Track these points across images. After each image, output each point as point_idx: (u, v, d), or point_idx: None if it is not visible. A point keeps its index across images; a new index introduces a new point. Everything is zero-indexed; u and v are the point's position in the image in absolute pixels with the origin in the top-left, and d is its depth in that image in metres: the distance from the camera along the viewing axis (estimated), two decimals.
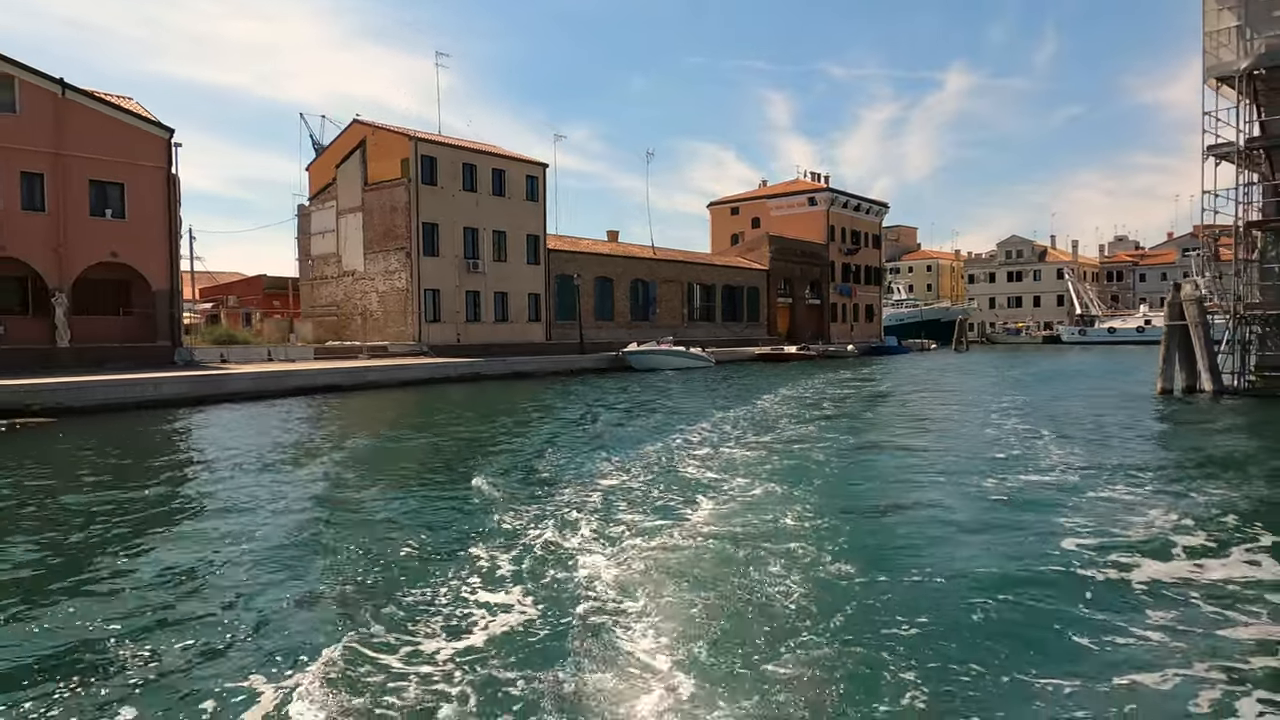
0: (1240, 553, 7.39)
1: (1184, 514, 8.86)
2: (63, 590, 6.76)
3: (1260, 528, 8.22)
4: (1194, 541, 7.80)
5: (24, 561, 7.68)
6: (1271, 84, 21.69)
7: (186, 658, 5.35)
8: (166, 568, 7.39)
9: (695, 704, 4.59)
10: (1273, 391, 21.52)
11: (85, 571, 7.31)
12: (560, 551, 7.69)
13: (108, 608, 6.29)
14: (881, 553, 7.61)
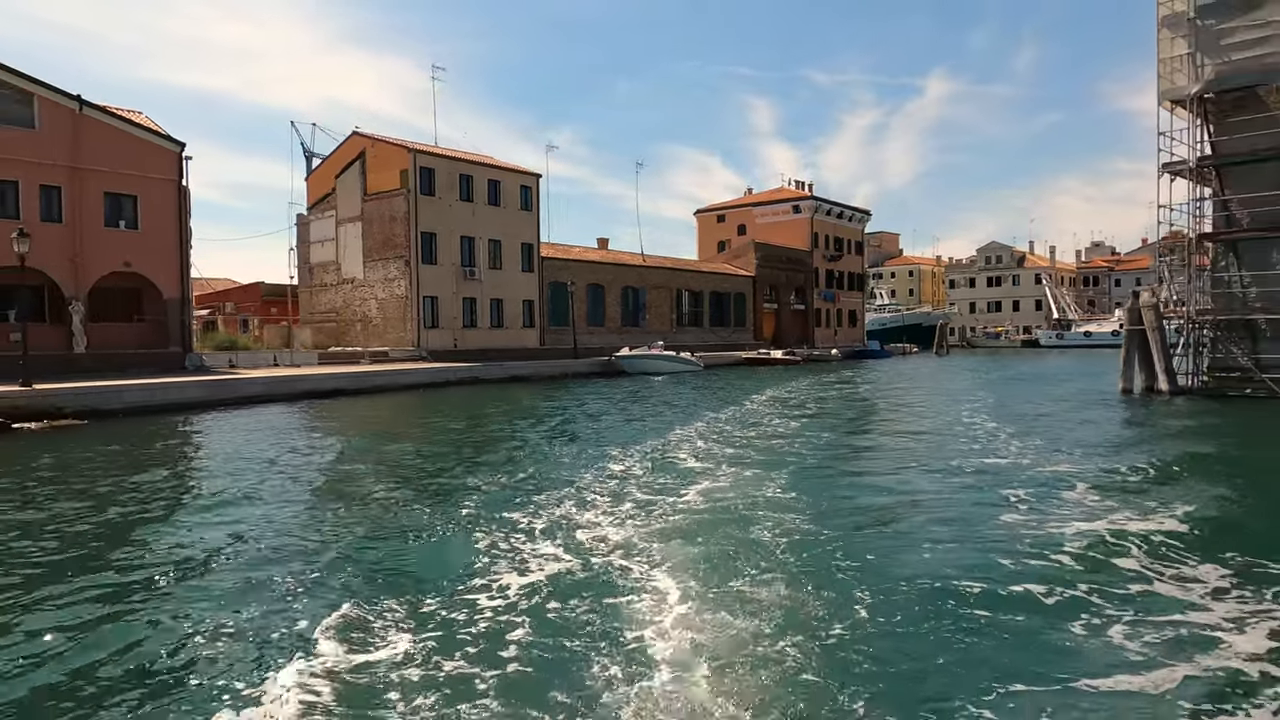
0: (1182, 542, 8.86)
1: (1128, 505, 10.38)
2: (102, 570, 8.10)
3: (1193, 514, 9.72)
4: (1138, 528, 9.30)
5: (70, 544, 9.00)
6: (1220, 107, 23.45)
7: (196, 640, 5.82)
8: (193, 553, 8.73)
9: (678, 700, 4.72)
10: (1223, 391, 23.24)
11: (118, 554, 8.64)
12: (569, 533, 9.09)
13: (144, 585, 7.64)
14: (851, 537, 9.07)
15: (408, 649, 5.55)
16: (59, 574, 7.43)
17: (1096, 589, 6.62)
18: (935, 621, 5.96)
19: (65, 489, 11.63)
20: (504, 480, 12.01)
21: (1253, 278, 22.88)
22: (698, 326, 56.97)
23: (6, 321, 28.24)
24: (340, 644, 5.61)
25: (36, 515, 9.93)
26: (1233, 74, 22.65)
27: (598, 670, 5.25)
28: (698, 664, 5.23)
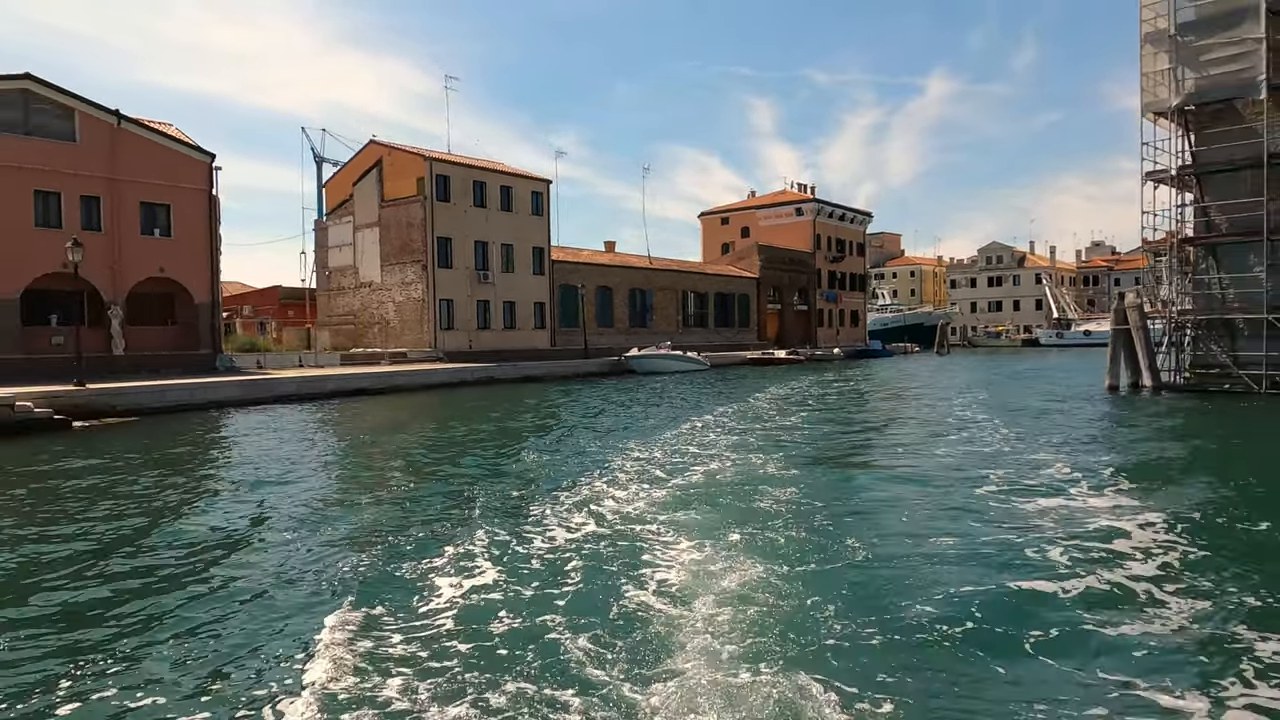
0: (1154, 528, 10.20)
1: (1099, 493, 11.76)
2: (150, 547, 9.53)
3: (1169, 497, 11.10)
4: (1103, 505, 10.68)
5: (133, 526, 10.43)
6: (1200, 118, 24.81)
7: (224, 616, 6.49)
8: (237, 536, 10.15)
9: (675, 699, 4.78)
10: (1204, 386, 24.60)
11: (170, 533, 10.08)
12: (602, 503, 10.49)
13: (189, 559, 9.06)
14: (839, 513, 10.48)
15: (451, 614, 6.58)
16: (137, 546, 8.87)
17: (1064, 571, 7.98)
18: (902, 584, 7.36)
19: (137, 476, 13.07)
20: (544, 463, 13.42)
21: (1231, 280, 24.24)
22: (703, 327, 58.37)
23: (49, 325, 29.73)
24: (384, 605, 6.91)
25: (117, 497, 11.37)
26: (1211, 88, 24.01)
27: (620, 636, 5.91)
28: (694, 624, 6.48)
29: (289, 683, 5.20)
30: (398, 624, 6.12)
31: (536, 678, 5.17)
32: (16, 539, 8.92)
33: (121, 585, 7.24)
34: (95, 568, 7.79)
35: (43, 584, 7.31)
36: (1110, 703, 4.75)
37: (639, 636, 5.78)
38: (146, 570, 7.71)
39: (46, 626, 6.24)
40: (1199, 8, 24.33)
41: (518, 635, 5.86)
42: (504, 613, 6.33)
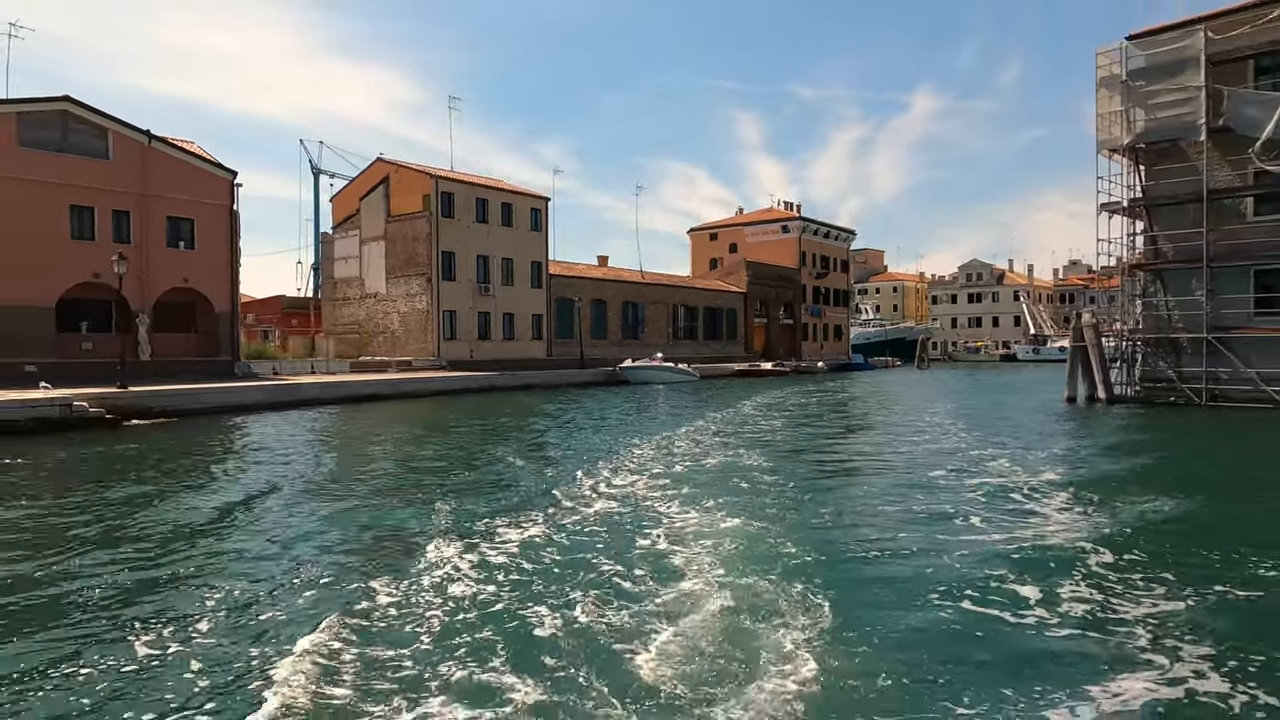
0: (1107, 526, 12.29)
1: (1040, 479, 13.97)
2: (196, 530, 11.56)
3: (1110, 495, 13.31)
4: (1063, 508, 12.88)
5: (185, 509, 12.44)
6: (1149, 155, 27.31)
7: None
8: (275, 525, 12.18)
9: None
10: (1151, 399, 27.01)
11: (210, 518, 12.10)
12: (609, 489, 12.57)
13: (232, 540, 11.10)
14: (808, 496, 12.63)
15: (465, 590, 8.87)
16: (202, 525, 10.90)
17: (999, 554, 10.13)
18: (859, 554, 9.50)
19: (189, 465, 15.05)
20: (555, 459, 15.49)
21: (1176, 302, 26.69)
22: (693, 340, 60.59)
23: (79, 332, 31.49)
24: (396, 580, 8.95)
25: (171, 482, 13.36)
26: (1158, 129, 26.52)
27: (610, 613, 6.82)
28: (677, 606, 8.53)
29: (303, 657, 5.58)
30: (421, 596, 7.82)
31: (556, 659, 5.58)
32: (137, 504, 10.92)
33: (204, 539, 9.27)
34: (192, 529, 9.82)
35: (158, 536, 9.33)
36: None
37: (642, 587, 7.86)
38: (234, 532, 9.75)
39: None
40: (1148, 56, 26.87)
41: (532, 616, 7.69)
42: (518, 593, 8.29)
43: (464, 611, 6.53)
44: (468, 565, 7.90)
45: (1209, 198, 25.47)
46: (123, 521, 10.12)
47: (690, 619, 6.25)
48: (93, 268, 30.48)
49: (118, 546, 8.85)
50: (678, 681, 5.14)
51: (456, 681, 5.21)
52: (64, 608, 6.77)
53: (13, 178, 28.44)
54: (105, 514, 10.54)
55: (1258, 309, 25.16)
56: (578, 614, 6.44)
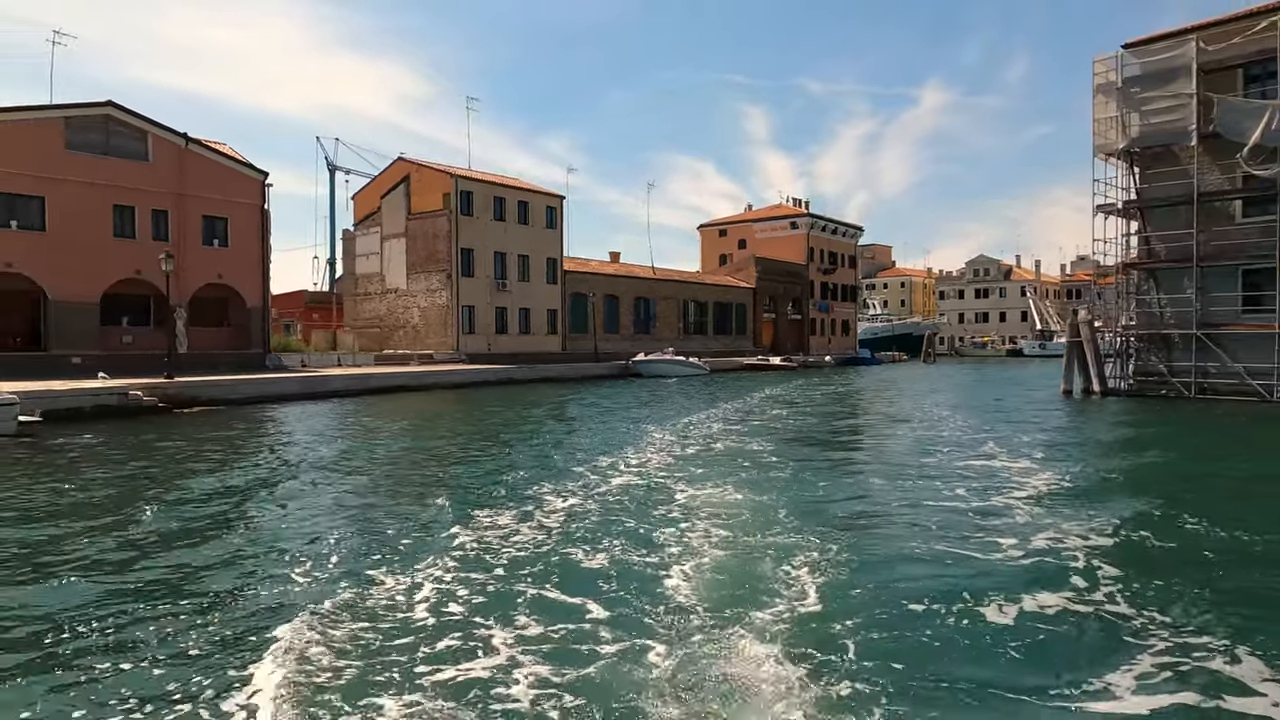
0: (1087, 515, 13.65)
1: (1055, 478, 15.31)
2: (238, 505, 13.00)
3: (1093, 479, 14.64)
4: (1052, 494, 14.22)
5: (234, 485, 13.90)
6: (1143, 159, 28.50)
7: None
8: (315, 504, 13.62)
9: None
10: (1144, 392, 28.27)
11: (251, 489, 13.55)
12: (628, 466, 13.97)
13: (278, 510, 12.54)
14: (804, 479, 14.02)
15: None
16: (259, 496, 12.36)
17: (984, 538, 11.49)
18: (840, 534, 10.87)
19: (243, 447, 16.53)
20: (584, 443, 16.91)
21: (1168, 300, 27.91)
22: (702, 334, 61.95)
23: (120, 326, 33.07)
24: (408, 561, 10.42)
25: (231, 461, 14.84)
26: (1152, 134, 27.71)
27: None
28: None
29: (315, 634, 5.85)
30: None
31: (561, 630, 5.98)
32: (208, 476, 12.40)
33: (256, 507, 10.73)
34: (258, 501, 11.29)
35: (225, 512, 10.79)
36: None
37: (647, 570, 9.26)
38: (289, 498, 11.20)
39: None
40: (1143, 64, 28.04)
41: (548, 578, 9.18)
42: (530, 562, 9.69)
43: (528, 562, 7.95)
44: (516, 527, 9.33)
45: (1199, 200, 26.66)
46: (196, 487, 11.61)
47: (697, 581, 7.63)
48: (134, 264, 32.06)
49: (192, 507, 10.33)
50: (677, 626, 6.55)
51: (514, 619, 6.62)
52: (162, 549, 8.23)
53: (61, 179, 30.00)
54: (182, 481, 12.03)
55: (1245, 306, 26.36)
56: (604, 563, 7.86)
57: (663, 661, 5.38)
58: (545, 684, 5.07)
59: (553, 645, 5.73)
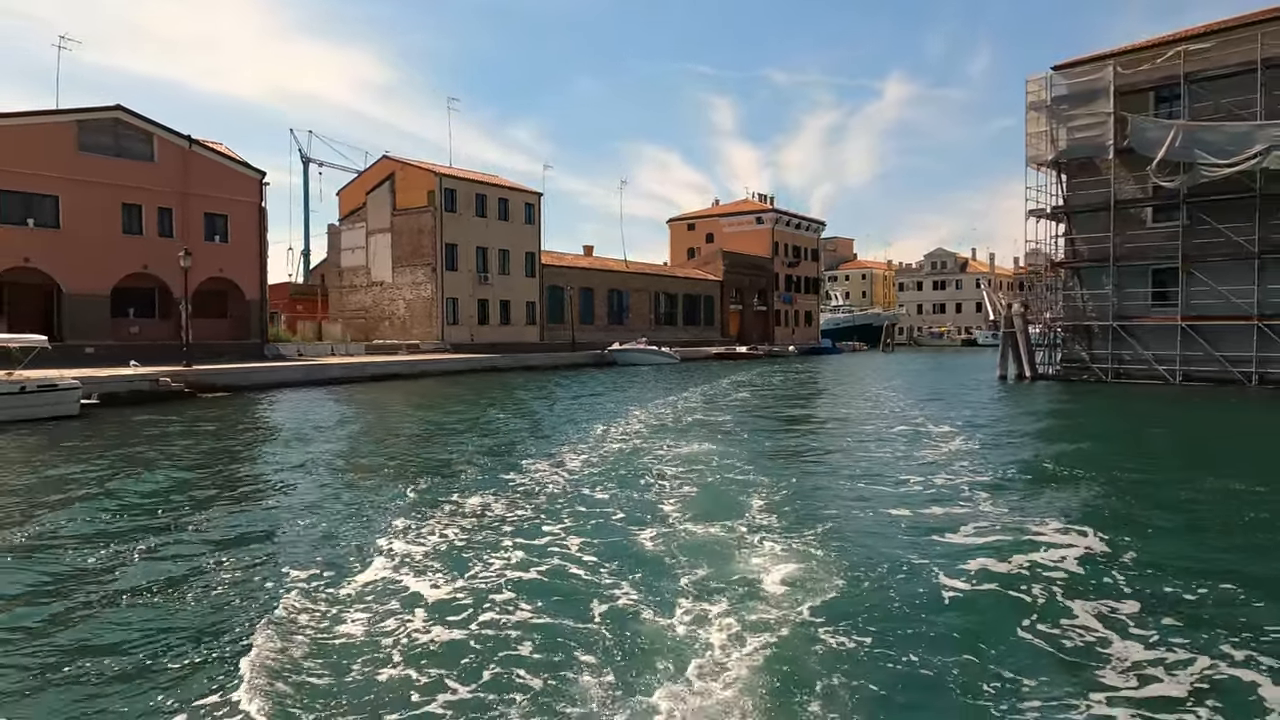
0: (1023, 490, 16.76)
1: (946, 428, 18.40)
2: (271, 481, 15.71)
3: (1009, 445, 17.75)
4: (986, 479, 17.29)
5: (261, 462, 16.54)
6: (1069, 169, 31.91)
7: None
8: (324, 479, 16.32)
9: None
10: (1068, 377, 31.78)
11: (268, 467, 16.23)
12: (616, 437, 16.78)
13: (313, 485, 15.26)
14: (762, 445, 17.00)
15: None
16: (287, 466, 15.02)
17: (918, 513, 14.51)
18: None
19: (284, 423, 19.10)
20: (583, 415, 19.68)
21: (1089, 295, 31.42)
22: (673, 325, 64.87)
23: (128, 317, 35.01)
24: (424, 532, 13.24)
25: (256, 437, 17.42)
26: (1076, 147, 31.10)
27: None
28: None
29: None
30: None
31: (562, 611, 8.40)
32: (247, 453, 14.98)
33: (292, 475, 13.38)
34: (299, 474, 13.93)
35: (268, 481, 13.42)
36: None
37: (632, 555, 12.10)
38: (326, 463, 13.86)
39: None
40: (1070, 84, 31.42)
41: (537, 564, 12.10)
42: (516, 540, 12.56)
43: (562, 496, 10.74)
44: (516, 485, 12.10)
45: (1116, 207, 30.14)
46: (244, 454, 14.21)
47: (674, 533, 10.51)
48: (142, 260, 34.04)
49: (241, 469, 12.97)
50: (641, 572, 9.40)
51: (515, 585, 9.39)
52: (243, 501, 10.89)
53: (75, 179, 31.88)
54: (252, 449, 14.60)
55: (1154, 301, 29.94)
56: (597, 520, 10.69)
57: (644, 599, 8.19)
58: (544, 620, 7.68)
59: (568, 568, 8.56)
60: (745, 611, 6.19)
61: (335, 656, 5.49)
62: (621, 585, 6.87)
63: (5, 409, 18.00)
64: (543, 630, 5.90)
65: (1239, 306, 27.64)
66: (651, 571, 7.26)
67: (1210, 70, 28.17)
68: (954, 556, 7.62)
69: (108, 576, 7.22)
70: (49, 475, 12.23)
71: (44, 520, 9.24)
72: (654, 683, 5.07)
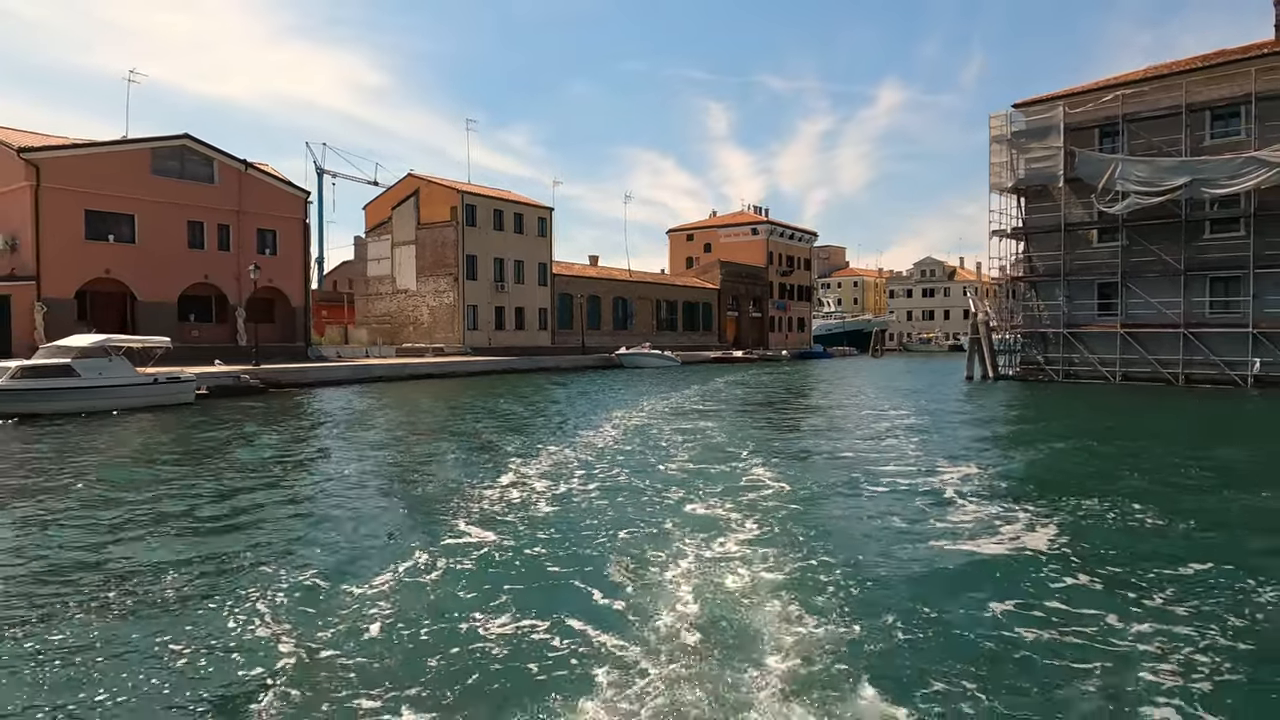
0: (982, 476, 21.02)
1: (912, 415, 22.62)
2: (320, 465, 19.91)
3: (992, 451, 21.98)
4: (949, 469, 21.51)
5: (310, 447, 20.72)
6: (1028, 194, 36.26)
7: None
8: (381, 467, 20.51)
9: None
10: (1026, 378, 36.07)
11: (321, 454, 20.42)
12: (628, 421, 20.95)
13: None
14: (749, 432, 21.25)
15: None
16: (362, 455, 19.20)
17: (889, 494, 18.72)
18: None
19: (371, 409, 23.24)
20: (609, 400, 23.83)
21: (1045, 305, 35.74)
22: (673, 330, 69.12)
23: (189, 322, 39.10)
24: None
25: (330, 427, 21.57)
26: (1033, 176, 35.44)
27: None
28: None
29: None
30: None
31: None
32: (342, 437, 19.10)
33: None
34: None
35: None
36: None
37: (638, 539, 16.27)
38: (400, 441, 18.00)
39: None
40: (1028, 121, 35.78)
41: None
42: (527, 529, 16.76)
43: (564, 488, 14.89)
44: (549, 463, 16.26)
45: (1066, 229, 34.50)
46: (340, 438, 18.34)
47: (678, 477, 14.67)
48: (203, 270, 38.18)
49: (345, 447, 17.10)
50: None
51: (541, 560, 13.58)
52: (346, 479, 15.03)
53: (148, 200, 36.01)
54: (359, 430, 18.74)
55: (1099, 311, 34.27)
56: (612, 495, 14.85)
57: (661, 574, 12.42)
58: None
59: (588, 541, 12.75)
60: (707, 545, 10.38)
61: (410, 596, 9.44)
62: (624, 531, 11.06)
63: (144, 396, 22.18)
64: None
65: (1168, 316, 31.99)
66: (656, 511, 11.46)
67: (1144, 112, 32.59)
68: (894, 502, 11.83)
69: (253, 502, 11.39)
70: (201, 438, 16.39)
71: (206, 465, 13.41)
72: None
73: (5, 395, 20.07)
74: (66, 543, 8.58)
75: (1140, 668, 5.30)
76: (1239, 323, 30.54)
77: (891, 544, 8.34)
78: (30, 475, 12.78)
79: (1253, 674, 5.24)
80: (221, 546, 8.36)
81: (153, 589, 6.98)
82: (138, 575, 7.39)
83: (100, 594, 6.85)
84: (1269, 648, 5.66)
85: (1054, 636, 5.86)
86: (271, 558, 7.97)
